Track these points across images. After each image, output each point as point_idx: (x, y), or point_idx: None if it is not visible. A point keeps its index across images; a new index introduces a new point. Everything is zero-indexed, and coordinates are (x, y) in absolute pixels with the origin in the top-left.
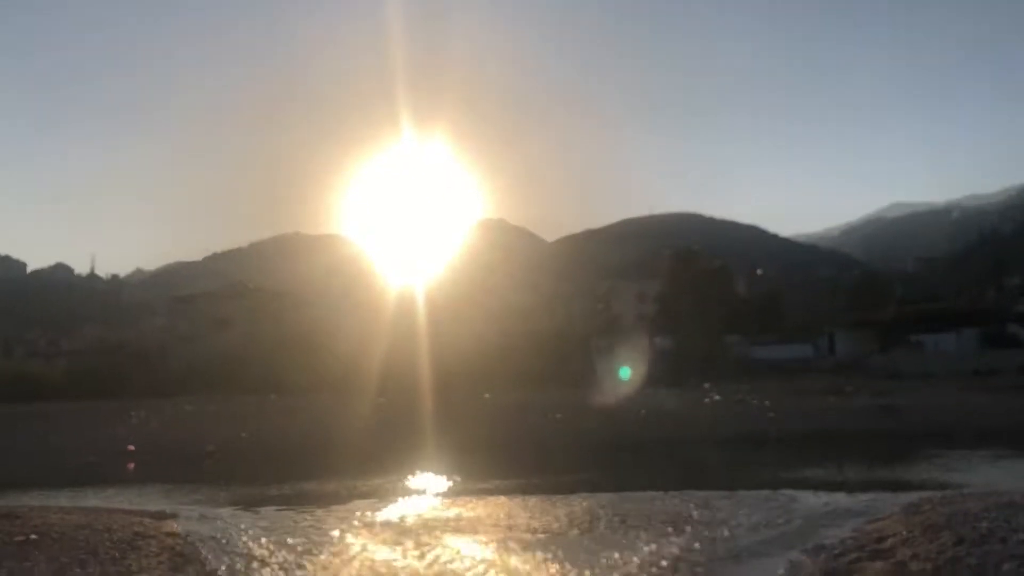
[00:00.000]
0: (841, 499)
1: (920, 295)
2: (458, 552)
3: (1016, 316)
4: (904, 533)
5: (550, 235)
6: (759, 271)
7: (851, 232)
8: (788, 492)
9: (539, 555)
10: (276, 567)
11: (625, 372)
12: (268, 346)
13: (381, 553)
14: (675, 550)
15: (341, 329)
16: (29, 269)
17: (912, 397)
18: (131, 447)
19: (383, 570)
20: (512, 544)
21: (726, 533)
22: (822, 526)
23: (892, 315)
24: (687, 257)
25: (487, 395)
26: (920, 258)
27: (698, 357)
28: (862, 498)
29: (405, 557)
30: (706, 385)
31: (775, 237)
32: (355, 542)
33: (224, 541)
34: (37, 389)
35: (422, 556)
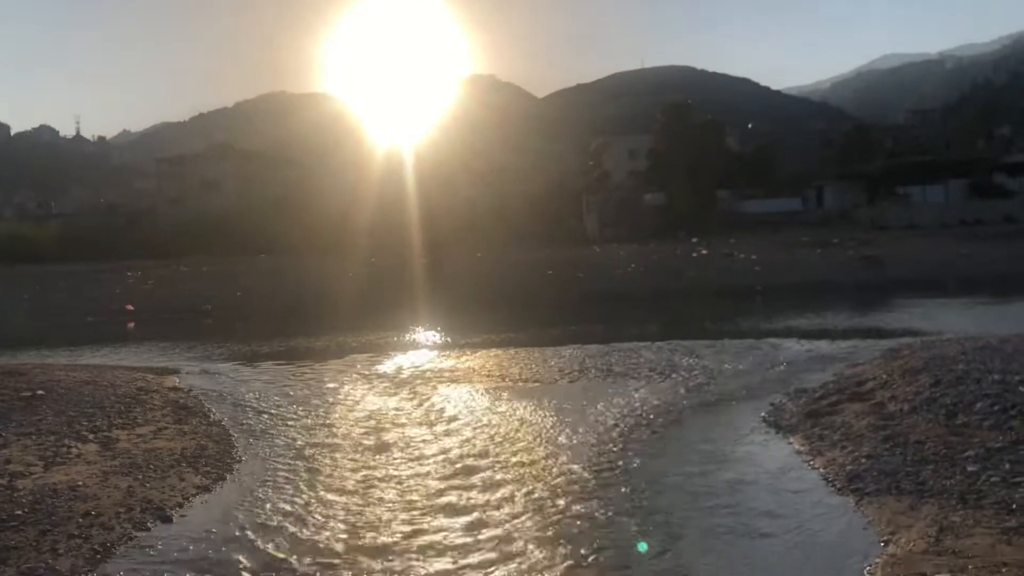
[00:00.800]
0: (823, 346)
1: (911, 147)
2: (452, 401)
3: (1004, 166)
4: (883, 376)
5: (540, 91)
6: (750, 125)
7: (843, 84)
8: (772, 340)
9: (529, 402)
10: (276, 418)
11: (613, 228)
12: (257, 207)
13: (378, 402)
14: (661, 396)
15: (330, 189)
16: (13, 132)
17: (897, 248)
18: (129, 307)
19: (380, 419)
20: (504, 393)
21: (711, 380)
22: (804, 371)
23: (881, 168)
24: (679, 111)
25: (479, 255)
26: (912, 110)
27: (688, 212)
28: (843, 345)
29: (402, 406)
30: (695, 240)
31: (767, 90)
32: (353, 392)
33: (225, 394)
34: (31, 251)
35: (419, 404)
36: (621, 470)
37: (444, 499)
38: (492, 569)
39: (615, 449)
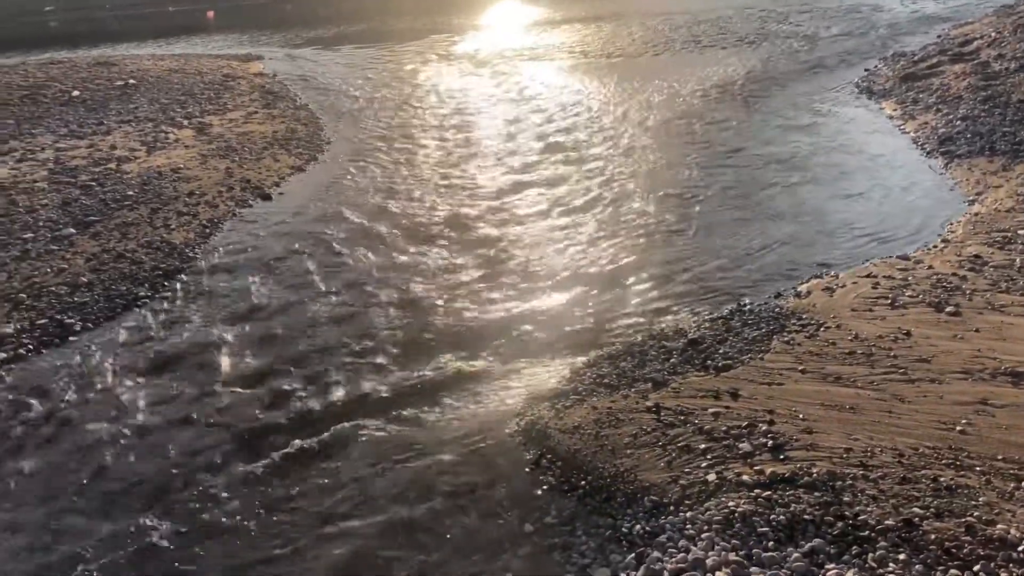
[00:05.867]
0: (929, 6)
1: None
2: (534, 78)
3: None
4: (992, 34)
5: None
6: None
7: None
8: (873, 2)
9: (613, 77)
10: (360, 101)
11: None
12: None
13: (459, 82)
14: (749, 65)
15: None
16: None
17: None
18: None
19: (462, 98)
20: (587, 69)
21: (803, 47)
22: (905, 34)
23: None
24: None
25: None
26: None
27: None
28: (952, 4)
29: (483, 85)
30: None
31: None
32: (433, 73)
33: (310, 78)
34: None
35: (500, 83)
36: (703, 141)
37: (528, 175)
38: (572, 230)
39: (698, 121)
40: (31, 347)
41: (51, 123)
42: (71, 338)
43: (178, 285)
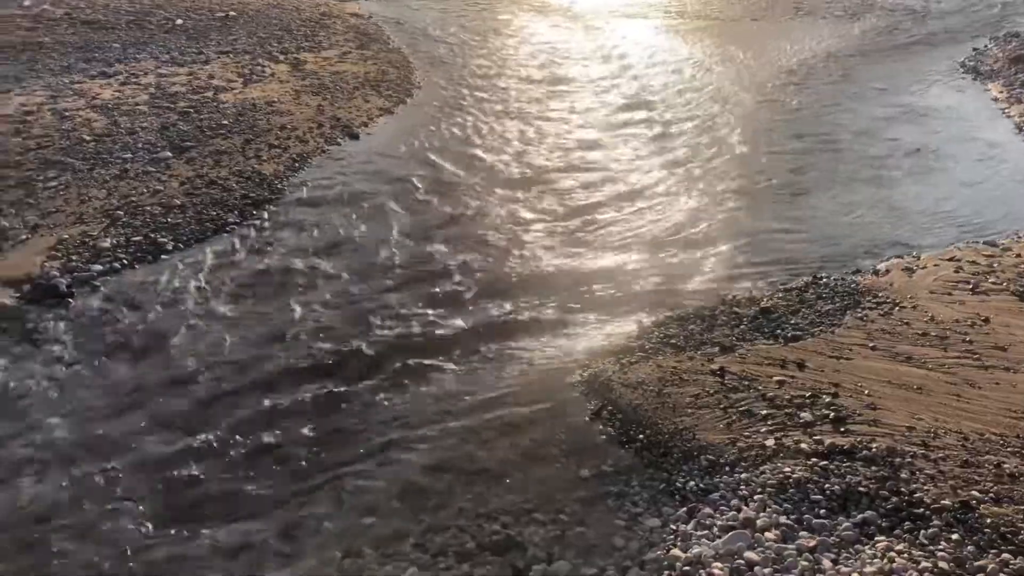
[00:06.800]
0: None
1: None
2: (626, 37)
3: None
4: None
5: None
6: None
7: None
8: None
9: (707, 41)
10: (452, 47)
11: None
12: None
13: (551, 35)
14: (850, 37)
15: None
16: None
17: None
18: None
19: (553, 52)
20: (682, 30)
21: (909, 20)
22: (1019, 15)
23: None
24: None
25: None
26: None
27: None
28: None
29: (574, 39)
30: None
31: None
32: (526, 25)
33: (404, 21)
34: None
35: (592, 39)
36: (794, 112)
37: (612, 133)
38: (652, 190)
39: (791, 91)
40: (125, 261)
41: (154, 49)
42: (163, 256)
43: (265, 214)
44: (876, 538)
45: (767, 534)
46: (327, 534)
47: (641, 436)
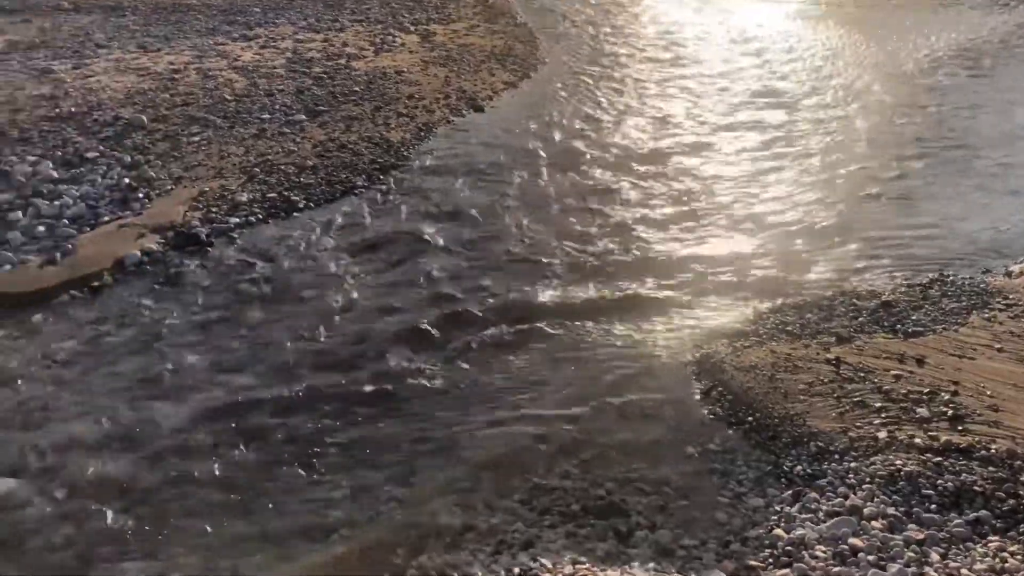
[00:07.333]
0: None
1: None
2: (757, 20)
3: None
4: None
5: None
6: None
7: None
8: None
9: (844, 27)
10: (578, 25)
11: None
12: None
13: (678, 16)
14: (1011, 27)
15: None
16: None
17: None
18: None
19: (680, 33)
20: (818, 16)
21: None
22: None
23: None
24: None
25: None
26: None
27: None
28: None
29: (703, 21)
30: None
31: None
32: (653, 4)
33: None
34: None
35: (721, 22)
36: (931, 106)
37: (736, 117)
38: (774, 176)
39: (930, 84)
40: (260, 216)
41: (292, 15)
42: (295, 213)
43: (391, 180)
44: (989, 537)
45: (874, 523)
46: (440, 483)
47: (750, 418)
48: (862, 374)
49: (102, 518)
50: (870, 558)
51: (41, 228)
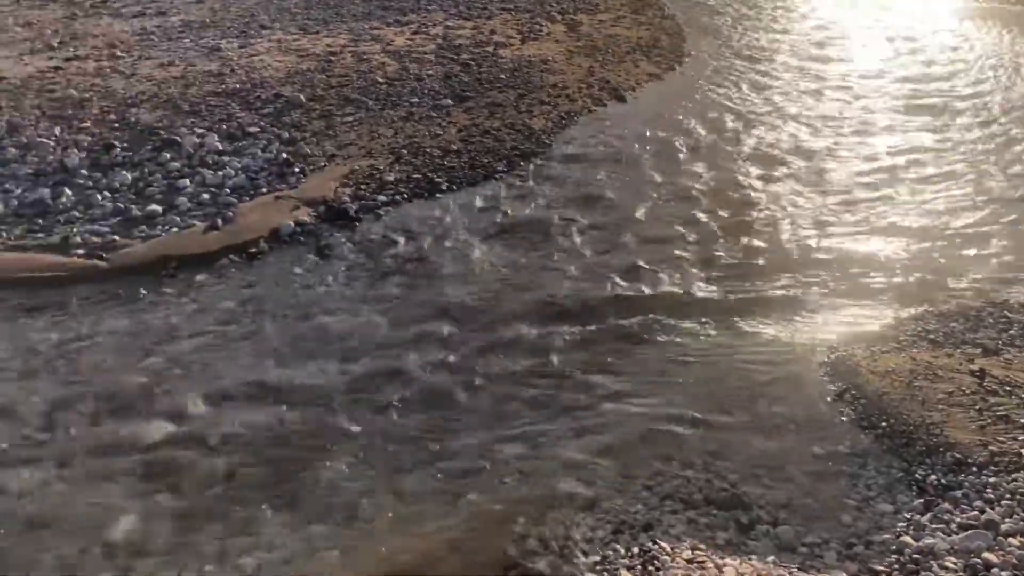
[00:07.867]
0: None
1: None
2: (916, 17)
3: None
4: None
5: None
6: None
7: None
8: None
9: (1013, 25)
10: (728, 19)
11: None
12: None
13: (831, 13)
14: None
15: None
16: None
17: None
18: None
19: (831, 30)
20: (980, 13)
21: None
22: None
23: None
24: None
25: None
26: None
27: None
28: None
29: (857, 17)
30: None
31: None
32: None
33: None
34: None
35: (876, 19)
36: None
37: (889, 117)
38: (927, 181)
39: None
40: (405, 196)
41: (444, 2)
42: (437, 195)
43: (531, 166)
44: None
45: (1011, 540)
46: (563, 460)
47: (884, 423)
48: (1008, 388)
49: (248, 464)
50: (1004, 574)
51: (206, 196)
